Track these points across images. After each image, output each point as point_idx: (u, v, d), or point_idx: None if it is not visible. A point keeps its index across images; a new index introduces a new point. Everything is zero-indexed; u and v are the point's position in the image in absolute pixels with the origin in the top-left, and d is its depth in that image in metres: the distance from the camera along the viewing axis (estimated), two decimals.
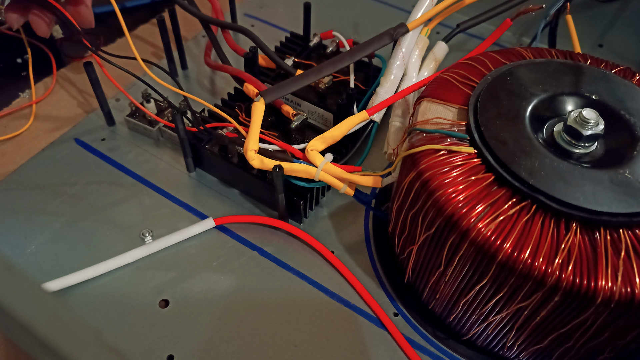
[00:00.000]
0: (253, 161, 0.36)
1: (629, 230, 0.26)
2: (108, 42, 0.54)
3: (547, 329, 0.28)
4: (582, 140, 0.29)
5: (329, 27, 0.49)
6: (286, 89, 0.39)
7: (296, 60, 0.46)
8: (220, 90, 0.51)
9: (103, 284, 0.36)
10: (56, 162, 0.44)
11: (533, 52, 0.35)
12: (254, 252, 0.38)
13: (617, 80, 0.32)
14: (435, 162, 0.29)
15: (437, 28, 0.46)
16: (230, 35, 0.47)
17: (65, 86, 0.50)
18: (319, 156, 0.37)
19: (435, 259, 0.30)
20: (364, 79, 0.46)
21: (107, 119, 0.46)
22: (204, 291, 0.36)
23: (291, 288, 0.37)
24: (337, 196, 0.42)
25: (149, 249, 0.38)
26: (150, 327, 0.34)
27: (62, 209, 0.40)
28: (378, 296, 0.36)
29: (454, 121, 0.31)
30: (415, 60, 0.42)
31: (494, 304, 0.28)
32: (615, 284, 0.25)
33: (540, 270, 0.25)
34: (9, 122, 0.47)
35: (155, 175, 0.43)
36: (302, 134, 0.42)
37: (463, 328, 0.33)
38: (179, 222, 0.40)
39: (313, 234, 0.39)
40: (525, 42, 0.57)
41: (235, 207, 0.41)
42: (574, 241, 0.26)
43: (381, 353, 0.34)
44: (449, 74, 0.34)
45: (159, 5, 0.60)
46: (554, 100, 0.31)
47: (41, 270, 0.37)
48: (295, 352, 0.34)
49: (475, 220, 0.27)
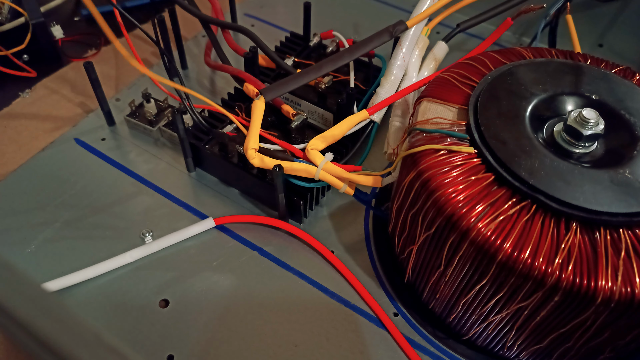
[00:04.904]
0: (253, 160, 0.36)
1: (629, 230, 0.26)
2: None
3: (547, 328, 0.28)
4: (582, 140, 0.29)
5: (329, 27, 0.50)
6: (286, 87, 0.39)
7: (296, 60, 0.46)
8: (220, 90, 0.51)
9: (103, 284, 0.36)
10: (56, 162, 0.44)
11: (533, 52, 0.35)
12: (254, 252, 0.38)
13: (617, 80, 0.32)
14: (435, 162, 0.29)
15: (437, 28, 0.46)
16: (230, 35, 0.47)
17: (65, 86, 0.50)
18: (319, 155, 0.37)
19: (435, 259, 0.30)
20: (364, 79, 0.46)
21: (107, 119, 0.46)
22: (204, 291, 0.36)
23: (291, 288, 0.37)
24: (337, 196, 0.42)
25: (149, 249, 0.38)
26: (150, 327, 0.34)
27: (62, 209, 0.40)
28: (378, 296, 0.36)
29: (454, 121, 0.31)
30: (415, 60, 0.42)
31: (494, 303, 0.28)
32: (615, 283, 0.25)
33: (540, 270, 0.25)
34: (9, 122, 0.47)
35: (155, 175, 0.43)
36: (302, 134, 0.42)
37: (463, 328, 0.33)
38: (179, 222, 0.39)
39: (313, 233, 0.39)
40: (525, 42, 0.57)
41: (235, 207, 0.41)
42: (574, 241, 0.26)
43: (381, 353, 0.34)
44: (449, 74, 0.34)
45: (159, 5, 0.60)
46: (554, 100, 0.31)
47: (41, 270, 0.37)
48: (295, 352, 0.33)
49: (475, 220, 0.27)
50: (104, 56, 0.54)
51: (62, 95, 0.49)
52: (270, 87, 0.39)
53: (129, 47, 0.40)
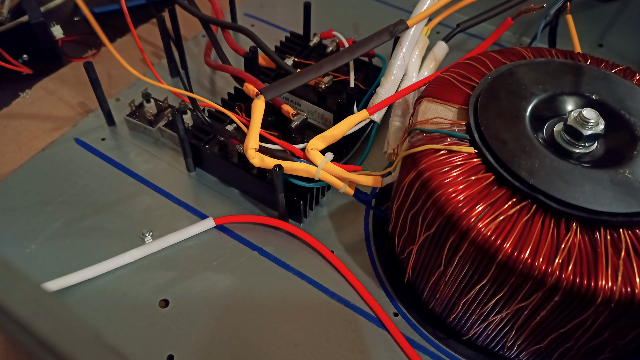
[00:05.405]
0: (253, 159, 0.36)
1: (629, 230, 0.26)
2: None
3: (547, 328, 0.28)
4: (582, 140, 0.29)
5: (329, 27, 0.49)
6: (286, 86, 0.39)
7: (296, 60, 0.46)
8: (220, 90, 0.51)
9: (103, 284, 0.36)
10: (56, 162, 0.44)
11: (533, 52, 0.35)
12: (254, 252, 0.38)
13: (617, 80, 0.32)
14: (435, 162, 0.29)
15: (437, 28, 0.46)
16: (230, 35, 0.47)
17: (65, 86, 0.50)
18: (319, 155, 0.37)
19: (435, 259, 0.30)
20: (364, 79, 0.46)
21: (107, 119, 0.46)
22: (204, 291, 0.36)
23: (291, 288, 0.37)
24: (337, 196, 0.42)
25: (149, 249, 0.38)
26: (150, 327, 0.34)
27: (62, 208, 0.40)
28: (378, 296, 0.36)
29: (454, 121, 0.31)
30: (415, 60, 0.42)
31: (494, 303, 0.28)
32: (615, 283, 0.25)
33: (540, 270, 0.25)
34: (9, 122, 0.47)
35: (155, 175, 0.43)
36: (302, 134, 0.42)
37: (463, 328, 0.33)
38: (179, 222, 0.39)
39: (313, 233, 0.39)
40: (525, 41, 0.57)
41: (235, 207, 0.41)
42: (574, 241, 0.26)
43: (381, 353, 0.34)
44: (449, 74, 0.34)
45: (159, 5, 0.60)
46: (554, 100, 0.31)
47: (41, 270, 0.37)
48: (295, 352, 0.33)
49: (475, 220, 0.27)
50: (104, 56, 0.54)
51: (62, 95, 0.49)
52: (270, 86, 0.39)
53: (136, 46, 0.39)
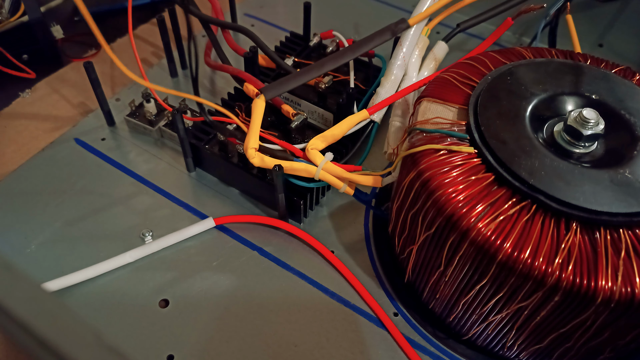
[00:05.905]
0: (253, 159, 0.36)
1: (629, 230, 0.26)
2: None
3: (547, 328, 0.28)
4: (582, 140, 0.29)
5: (329, 27, 0.49)
6: (287, 86, 0.39)
7: (296, 60, 0.46)
8: (220, 90, 0.51)
9: (103, 284, 0.36)
10: (56, 162, 0.44)
11: (533, 52, 0.35)
12: (254, 252, 0.38)
13: (617, 80, 0.32)
14: (435, 162, 0.29)
15: (437, 28, 0.46)
16: (230, 35, 0.47)
17: (65, 86, 0.50)
18: (319, 155, 0.37)
19: (435, 259, 0.30)
20: (364, 79, 0.46)
21: (107, 119, 0.46)
22: (204, 291, 0.36)
23: (291, 288, 0.37)
24: (337, 196, 0.42)
25: (149, 249, 0.38)
26: (150, 327, 0.34)
27: (62, 209, 0.40)
28: (378, 296, 0.36)
29: (454, 121, 0.31)
30: (415, 60, 0.42)
31: (494, 303, 0.28)
32: (615, 283, 0.25)
33: (540, 270, 0.25)
34: (9, 122, 0.47)
35: (155, 175, 0.43)
36: (302, 134, 0.42)
37: (463, 328, 0.33)
38: (179, 222, 0.39)
39: (313, 233, 0.39)
40: (525, 41, 0.57)
41: (235, 207, 0.41)
42: (574, 241, 0.26)
43: (381, 353, 0.34)
44: (449, 74, 0.34)
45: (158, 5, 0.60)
46: (554, 100, 0.31)
47: (41, 270, 0.37)
48: (295, 352, 0.33)
49: (475, 220, 0.27)
50: (104, 56, 0.53)
51: (62, 95, 0.49)
52: (270, 85, 0.39)
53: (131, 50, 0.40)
